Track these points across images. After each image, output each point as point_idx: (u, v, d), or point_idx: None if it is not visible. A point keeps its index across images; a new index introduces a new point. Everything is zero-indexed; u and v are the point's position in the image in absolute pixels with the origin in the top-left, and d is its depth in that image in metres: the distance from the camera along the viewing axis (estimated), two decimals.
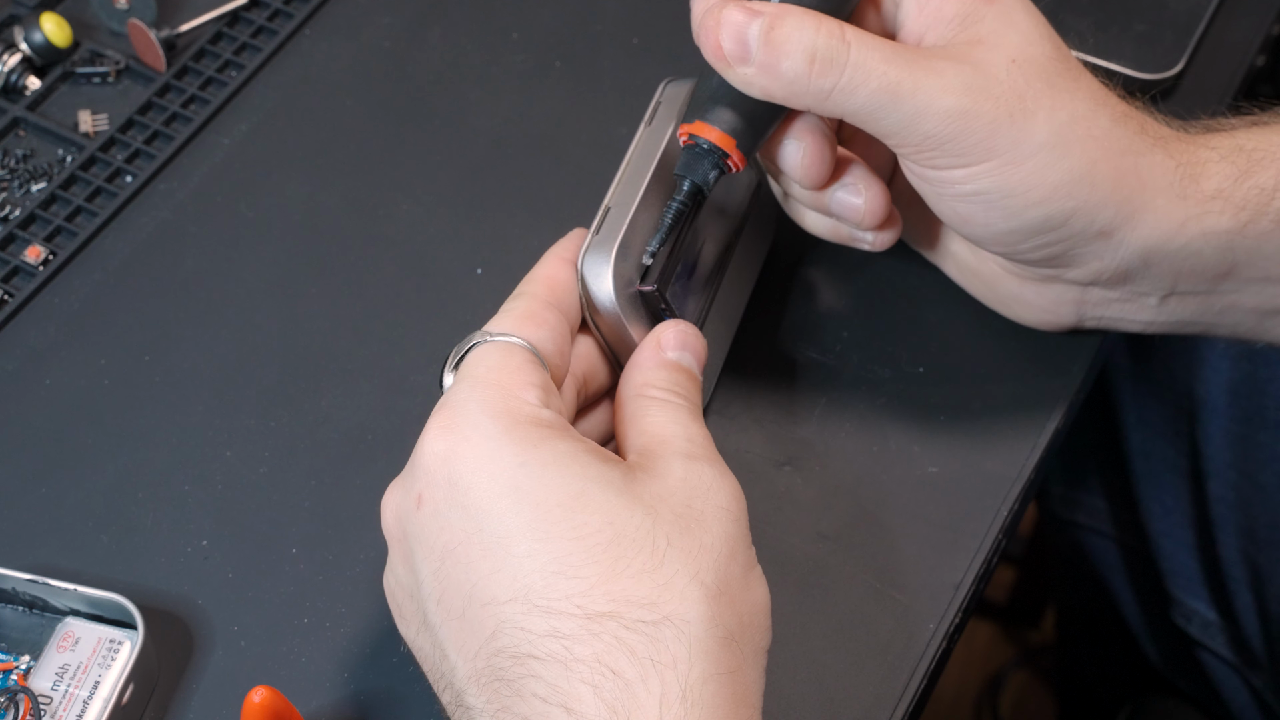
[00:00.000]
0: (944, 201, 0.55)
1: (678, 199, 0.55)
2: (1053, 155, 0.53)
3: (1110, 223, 0.54)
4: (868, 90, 0.52)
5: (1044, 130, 0.52)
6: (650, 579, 0.44)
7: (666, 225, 0.55)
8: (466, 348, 0.50)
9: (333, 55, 0.74)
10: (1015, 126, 0.52)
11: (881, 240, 0.59)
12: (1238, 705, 0.88)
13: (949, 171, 0.54)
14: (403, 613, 0.49)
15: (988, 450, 0.61)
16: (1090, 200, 0.53)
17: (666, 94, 0.58)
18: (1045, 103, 0.53)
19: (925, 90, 0.52)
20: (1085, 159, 0.53)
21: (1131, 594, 0.94)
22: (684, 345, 0.53)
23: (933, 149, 0.53)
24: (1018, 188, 0.53)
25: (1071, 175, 0.53)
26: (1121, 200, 0.54)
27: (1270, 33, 0.76)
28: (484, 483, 0.46)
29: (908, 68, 0.52)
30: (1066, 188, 0.53)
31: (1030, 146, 0.52)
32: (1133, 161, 0.54)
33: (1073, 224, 0.54)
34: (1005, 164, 0.53)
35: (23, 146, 0.70)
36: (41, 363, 0.63)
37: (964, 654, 1.38)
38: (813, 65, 0.51)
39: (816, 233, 0.61)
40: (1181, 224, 0.54)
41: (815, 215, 0.61)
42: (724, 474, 0.48)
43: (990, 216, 0.54)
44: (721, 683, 0.44)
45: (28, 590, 0.55)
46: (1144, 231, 0.54)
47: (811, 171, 0.56)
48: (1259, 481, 0.80)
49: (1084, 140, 0.53)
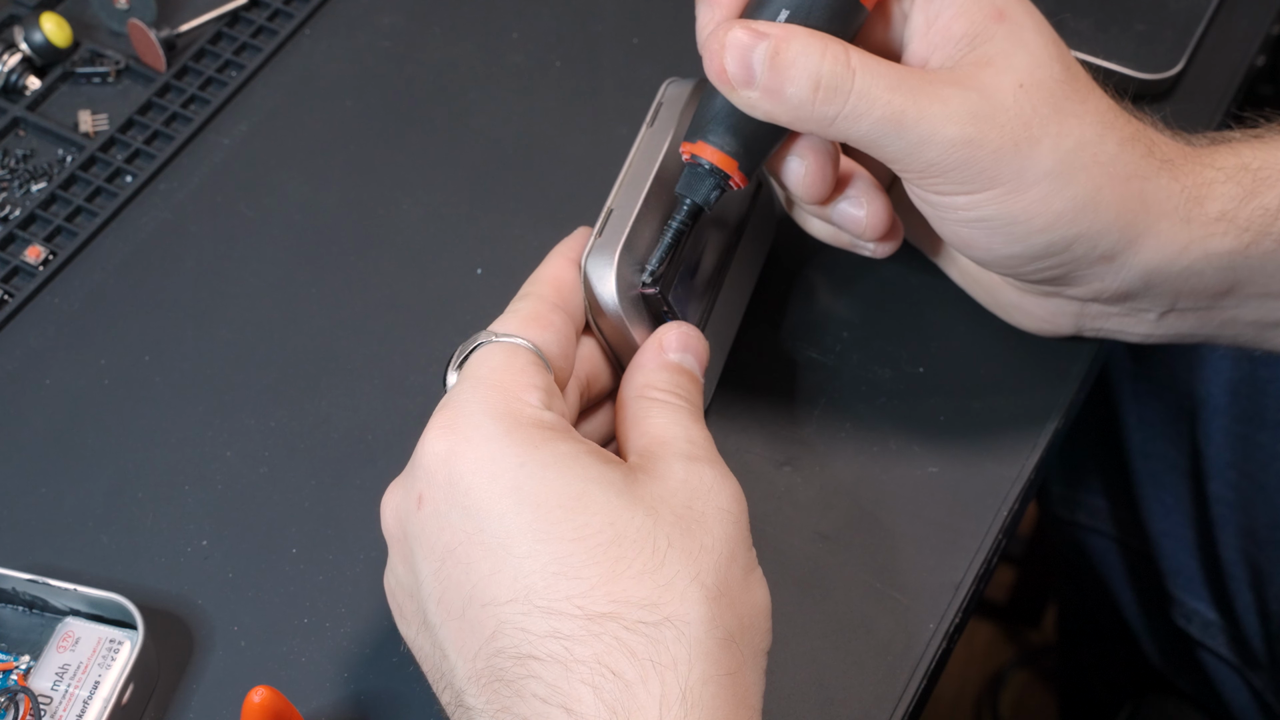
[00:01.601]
0: (947, 225, 0.55)
1: (678, 218, 0.55)
2: (1057, 183, 0.52)
3: (1113, 247, 0.54)
4: (872, 119, 0.51)
5: (1049, 158, 0.52)
6: (651, 580, 0.44)
7: (666, 244, 0.55)
8: (471, 348, 0.50)
9: (333, 55, 0.74)
10: (1020, 155, 0.52)
11: (883, 250, 0.59)
12: (1238, 705, 0.88)
13: (952, 198, 0.53)
14: (403, 613, 0.49)
15: (988, 450, 0.61)
16: (1094, 226, 0.53)
17: (668, 94, 0.58)
18: (1052, 129, 0.52)
19: (930, 119, 0.51)
20: (1090, 185, 0.53)
21: (1132, 594, 0.94)
22: (685, 347, 0.53)
23: (936, 176, 0.53)
24: (1021, 215, 0.53)
25: (1076, 203, 0.53)
26: (1125, 225, 0.53)
27: (1270, 33, 0.76)
28: (485, 483, 0.46)
29: (912, 95, 0.51)
30: (1070, 215, 0.53)
31: (1035, 175, 0.52)
32: (1138, 186, 0.53)
33: (1075, 249, 0.54)
34: (1009, 192, 0.52)
35: (23, 146, 0.70)
36: (41, 363, 0.63)
37: (964, 654, 1.39)
38: (817, 92, 0.51)
39: (819, 238, 0.62)
40: (1184, 247, 0.54)
41: (818, 223, 0.61)
42: (725, 476, 0.48)
43: (993, 241, 0.54)
44: (722, 684, 0.44)
45: (28, 590, 0.55)
46: (1146, 255, 0.54)
47: (813, 189, 0.56)
48: (1259, 481, 0.80)
49: (1089, 167, 0.53)
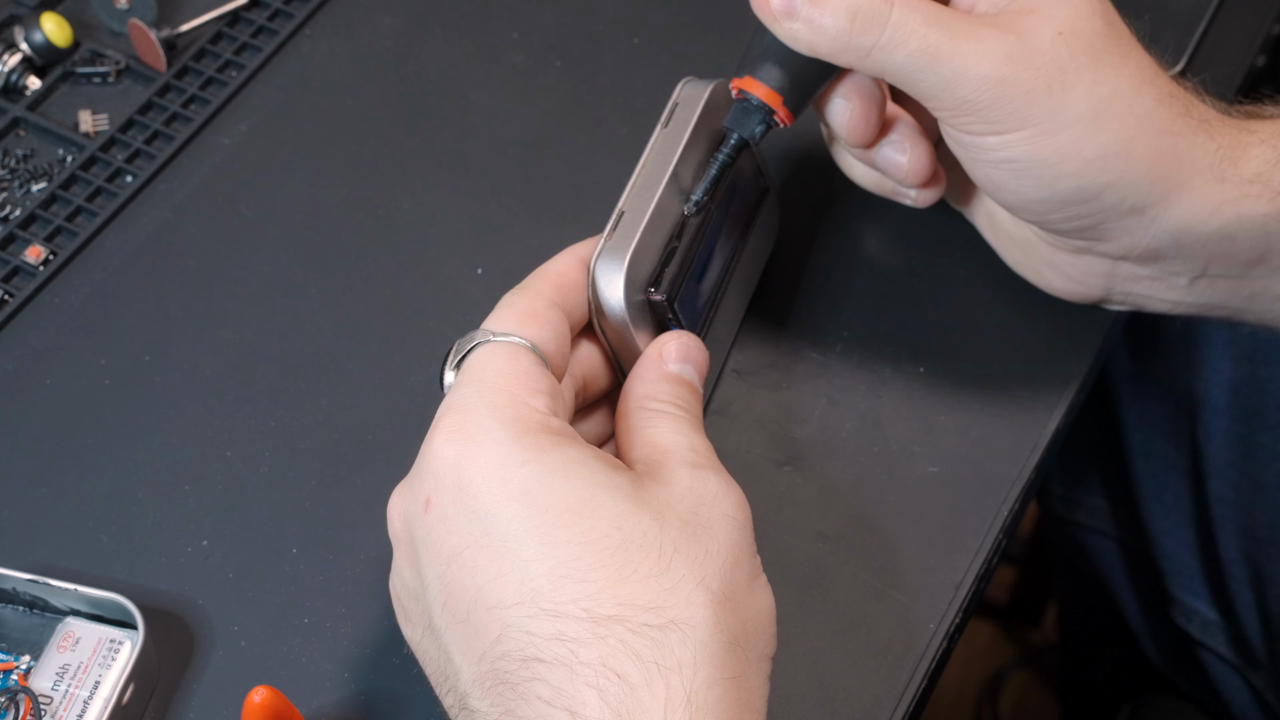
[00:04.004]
0: (978, 167, 0.56)
1: (724, 152, 0.56)
2: (1089, 129, 0.53)
3: (1143, 200, 0.54)
4: (906, 51, 0.52)
5: (1082, 104, 0.53)
6: (656, 583, 0.44)
7: (712, 177, 0.56)
8: (468, 347, 0.50)
9: (333, 55, 0.74)
10: (1053, 98, 0.53)
11: (924, 198, 0.60)
12: (1238, 705, 0.88)
13: (984, 138, 0.54)
14: (408, 616, 0.49)
15: (988, 450, 0.61)
16: (1125, 176, 0.54)
17: (684, 94, 0.58)
18: (1087, 77, 0.53)
19: (964, 55, 0.52)
20: (1123, 135, 0.53)
21: (1132, 593, 0.94)
22: (686, 358, 0.53)
23: (969, 114, 0.53)
24: (1051, 158, 0.53)
25: (1107, 150, 0.53)
26: (1157, 179, 0.54)
27: (1270, 33, 0.76)
28: (494, 487, 0.46)
29: (948, 32, 0.52)
30: (1100, 162, 0.53)
31: (1067, 118, 0.53)
32: (1172, 142, 0.54)
33: (1105, 198, 0.54)
34: (1040, 134, 0.53)
35: (23, 146, 0.70)
36: (41, 363, 0.63)
37: (964, 654, 1.39)
38: (854, 22, 0.52)
39: (862, 184, 0.62)
40: (1217, 206, 0.54)
41: (861, 168, 0.62)
42: (729, 483, 0.49)
43: (1022, 184, 0.55)
44: (726, 687, 0.44)
45: (28, 590, 0.55)
46: (1178, 211, 0.55)
47: (857, 131, 0.57)
48: (1260, 481, 0.80)
49: (1123, 116, 0.53)
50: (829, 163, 0.64)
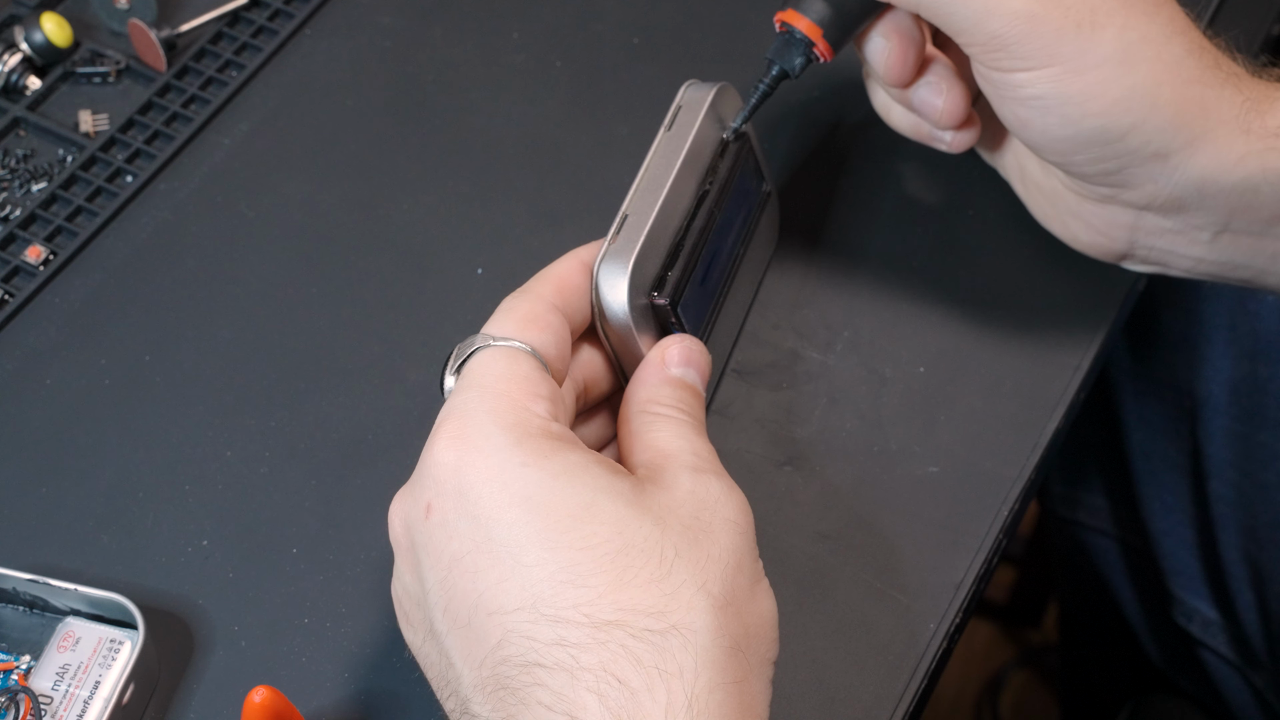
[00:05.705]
0: (1006, 105, 0.56)
1: (765, 81, 0.58)
2: (1117, 70, 0.54)
3: (1167, 146, 0.55)
4: None
5: (1111, 44, 0.53)
6: (657, 588, 0.44)
7: (751, 105, 0.58)
8: (469, 352, 0.50)
9: (333, 55, 0.74)
10: (1082, 36, 0.53)
11: (959, 141, 0.61)
12: (1239, 704, 0.88)
13: (1012, 74, 0.55)
14: (409, 620, 0.49)
15: (988, 450, 0.61)
16: (1150, 120, 0.54)
17: (687, 97, 0.58)
18: (1118, 20, 0.53)
19: None
20: (1150, 78, 0.54)
21: (1132, 593, 0.94)
22: (688, 361, 0.53)
23: (998, 49, 0.54)
24: (1077, 96, 0.54)
25: (1133, 92, 0.54)
26: (1181, 125, 0.54)
27: (1270, 33, 0.76)
28: (495, 493, 0.46)
29: None
30: (1126, 103, 0.54)
31: (1095, 58, 0.53)
32: (1199, 91, 0.54)
33: (1129, 140, 0.55)
34: (1067, 72, 0.54)
35: (23, 146, 0.70)
36: (41, 363, 0.63)
37: (964, 654, 1.39)
38: None
39: (898, 129, 0.63)
40: (1241, 158, 0.55)
41: (899, 111, 0.62)
42: (731, 488, 0.48)
43: (1047, 122, 0.55)
44: (728, 692, 0.44)
45: (28, 590, 0.55)
46: (1202, 160, 0.55)
47: (894, 70, 0.58)
48: (1260, 480, 0.80)
49: (1151, 61, 0.54)
50: (829, 163, 0.64)
